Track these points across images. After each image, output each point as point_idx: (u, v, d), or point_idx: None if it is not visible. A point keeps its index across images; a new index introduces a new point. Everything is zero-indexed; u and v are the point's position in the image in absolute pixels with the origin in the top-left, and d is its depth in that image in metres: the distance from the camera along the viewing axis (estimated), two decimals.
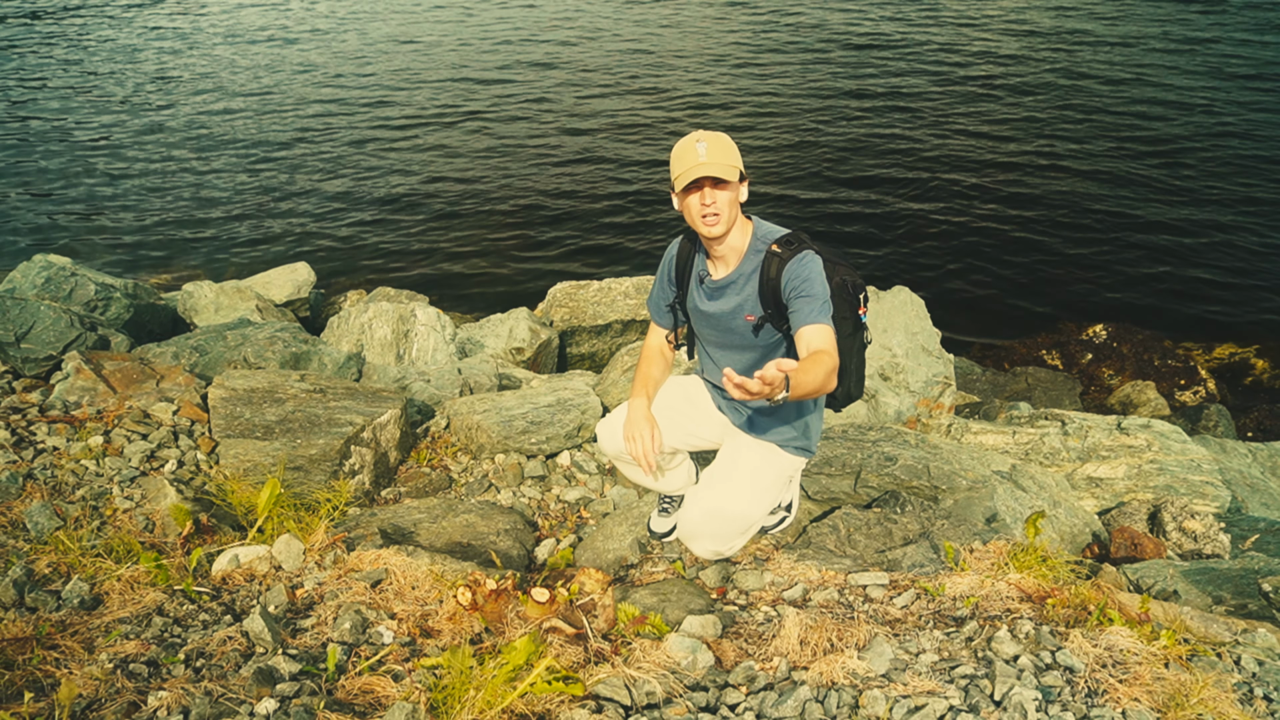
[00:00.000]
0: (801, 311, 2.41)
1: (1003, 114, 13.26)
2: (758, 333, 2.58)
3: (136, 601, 2.55)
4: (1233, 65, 14.96)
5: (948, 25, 18.22)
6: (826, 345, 2.34)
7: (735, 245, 2.53)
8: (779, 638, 2.52)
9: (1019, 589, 2.74)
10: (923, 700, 2.15)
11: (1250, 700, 2.24)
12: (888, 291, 5.94)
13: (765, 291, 2.49)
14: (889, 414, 5.28)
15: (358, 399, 4.15)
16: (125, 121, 13.86)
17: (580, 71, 16.08)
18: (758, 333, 2.58)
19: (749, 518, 2.70)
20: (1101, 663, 2.29)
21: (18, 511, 3.05)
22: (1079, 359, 7.90)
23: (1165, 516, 4.18)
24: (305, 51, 17.86)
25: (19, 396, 3.92)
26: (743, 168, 2.45)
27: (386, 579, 2.74)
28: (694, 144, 2.40)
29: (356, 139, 13.11)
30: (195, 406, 3.97)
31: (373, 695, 2.14)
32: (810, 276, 2.41)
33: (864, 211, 10.50)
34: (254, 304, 6.64)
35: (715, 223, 2.43)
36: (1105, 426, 5.06)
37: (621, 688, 2.21)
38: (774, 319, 2.52)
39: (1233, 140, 11.98)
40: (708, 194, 2.39)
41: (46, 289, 5.48)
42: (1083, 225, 9.99)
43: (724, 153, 2.40)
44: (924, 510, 3.47)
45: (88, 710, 2.04)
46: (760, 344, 2.61)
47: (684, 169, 2.39)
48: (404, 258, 9.86)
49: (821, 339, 2.35)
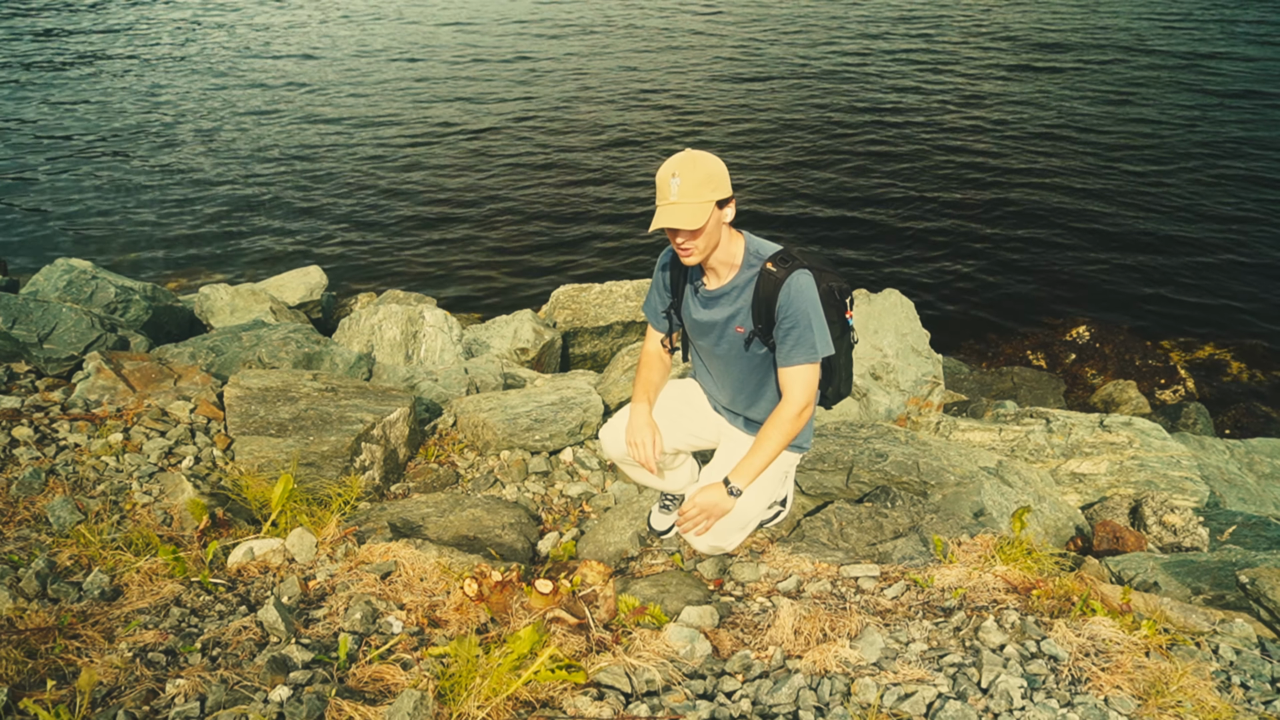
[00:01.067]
0: (784, 348, 2.47)
1: (990, 123, 13.25)
2: (748, 346, 2.59)
3: (155, 593, 2.55)
4: (1219, 77, 14.96)
5: (933, 34, 18.21)
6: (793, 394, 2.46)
7: (727, 259, 2.51)
8: (774, 628, 2.52)
9: (1005, 581, 2.74)
10: (912, 688, 2.15)
11: (1228, 688, 2.24)
12: (879, 294, 5.94)
13: (758, 307, 2.48)
14: (880, 412, 5.28)
15: (368, 398, 4.15)
16: (144, 133, 13.86)
17: (586, 85, 16.08)
18: (748, 346, 2.59)
19: (748, 514, 2.70)
20: (1084, 651, 2.29)
21: (41, 506, 3.05)
22: (1063, 359, 7.91)
23: (1146, 511, 4.18)
24: (319, 65, 17.85)
25: (42, 395, 3.92)
26: (725, 192, 2.36)
27: (396, 571, 2.74)
28: (669, 178, 2.32)
29: (368, 150, 13.11)
30: (211, 405, 3.97)
31: (382, 683, 2.14)
32: (800, 309, 2.42)
33: (857, 218, 10.49)
34: (268, 306, 6.64)
35: (689, 255, 2.40)
36: (1088, 424, 5.06)
37: (622, 676, 2.21)
38: (763, 334, 2.52)
39: (1214, 149, 11.99)
40: (680, 233, 2.37)
41: (68, 291, 5.48)
42: (1066, 230, 10.00)
43: (697, 188, 2.30)
44: (914, 505, 3.47)
45: (108, 697, 2.04)
46: (749, 355, 2.62)
47: (657, 205, 2.35)
48: (413, 262, 9.86)
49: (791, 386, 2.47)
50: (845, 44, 17.93)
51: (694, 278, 2.64)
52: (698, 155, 2.35)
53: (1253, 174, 11.17)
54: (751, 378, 2.70)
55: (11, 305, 4.16)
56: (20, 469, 3.27)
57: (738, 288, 2.53)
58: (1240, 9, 19.41)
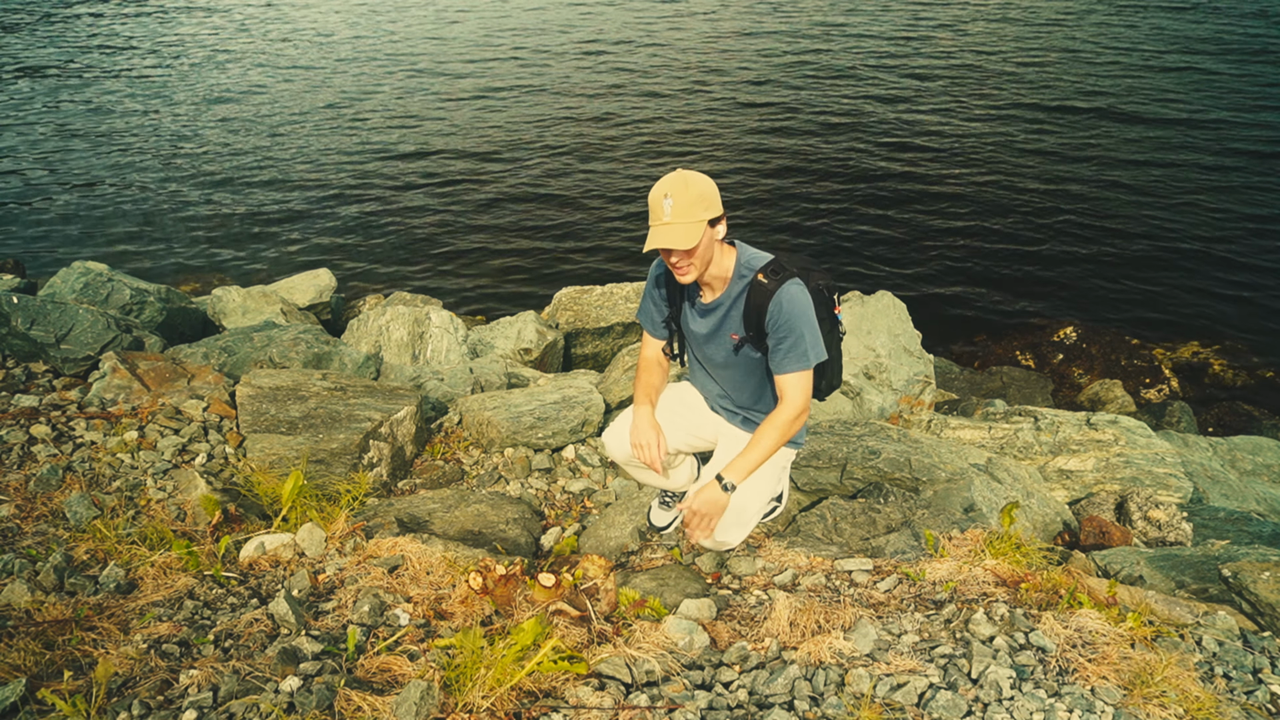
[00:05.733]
0: (777, 356, 2.49)
1: (979, 129, 13.25)
2: (738, 351, 2.62)
3: (169, 586, 2.55)
4: (1211, 78, 14.95)
5: (920, 33, 18.21)
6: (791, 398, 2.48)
7: (720, 273, 2.53)
8: (770, 620, 2.52)
9: (995, 574, 2.74)
10: (905, 678, 2.15)
11: (1211, 678, 2.24)
12: (871, 296, 5.93)
13: (750, 316, 2.51)
14: (873, 410, 5.28)
15: (376, 396, 4.15)
16: (160, 140, 13.86)
17: (588, 94, 16.08)
18: (738, 351, 2.62)
19: (747, 510, 2.70)
20: (1072, 643, 2.29)
21: (58, 502, 3.05)
22: (1051, 359, 7.90)
23: (1131, 506, 4.18)
24: (330, 72, 17.85)
25: (59, 394, 3.92)
26: (717, 210, 2.37)
27: (403, 565, 2.74)
28: (661, 200, 2.33)
29: (376, 156, 13.11)
30: (224, 403, 3.97)
31: (390, 674, 2.14)
32: (792, 321, 2.44)
33: (850, 222, 10.50)
34: (279, 307, 6.64)
35: (684, 273, 2.42)
36: (1075, 422, 5.05)
37: (623, 667, 2.21)
38: (755, 340, 2.55)
39: (1200, 151, 11.98)
40: (674, 253, 2.39)
41: (85, 293, 5.48)
42: (1054, 234, 10.00)
43: (689, 208, 2.31)
44: (906, 501, 3.47)
45: (123, 688, 2.04)
46: (742, 359, 2.65)
47: (651, 225, 2.37)
48: (419, 264, 9.86)
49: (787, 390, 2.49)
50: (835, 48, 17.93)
51: (691, 292, 2.67)
52: (689, 176, 2.35)
53: (1239, 177, 11.17)
54: (750, 380, 2.72)
55: (30, 307, 4.16)
56: (38, 466, 3.27)
57: (730, 299, 2.56)
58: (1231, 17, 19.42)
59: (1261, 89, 14.49)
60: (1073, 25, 19.45)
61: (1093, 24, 19.48)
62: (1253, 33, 18.09)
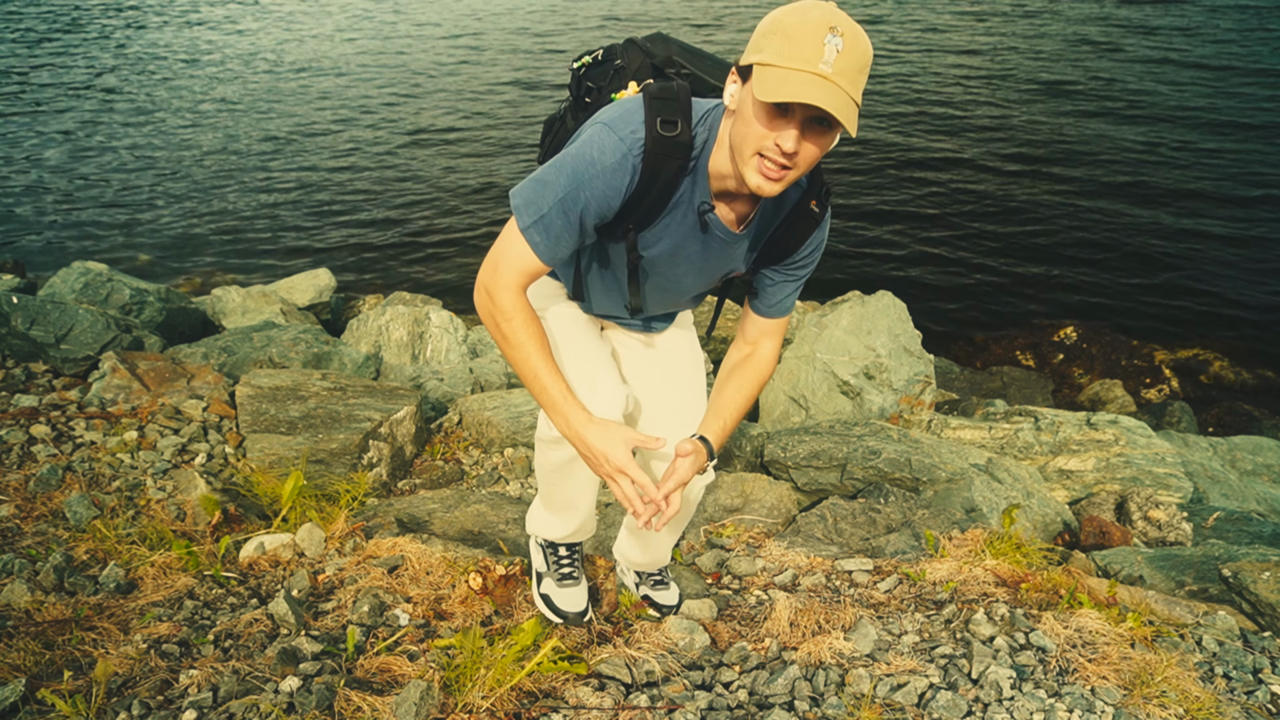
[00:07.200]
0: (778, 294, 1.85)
1: (979, 127, 13.25)
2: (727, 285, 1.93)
3: (169, 586, 2.54)
4: (1215, 77, 14.95)
5: (920, 32, 18.21)
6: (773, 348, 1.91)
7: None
8: (770, 620, 2.52)
9: (995, 574, 2.73)
10: (905, 678, 2.15)
11: (1211, 679, 2.24)
12: (872, 295, 5.92)
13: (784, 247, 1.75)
14: (873, 410, 5.28)
15: (376, 396, 4.15)
16: (159, 141, 13.87)
17: None
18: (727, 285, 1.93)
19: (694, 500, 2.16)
20: (1072, 643, 2.29)
21: (58, 502, 3.05)
22: (1051, 359, 7.90)
23: (1131, 506, 4.18)
24: (330, 73, 17.85)
25: (59, 394, 3.92)
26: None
27: (403, 565, 2.74)
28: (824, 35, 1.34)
29: (376, 157, 13.11)
30: (224, 403, 3.97)
31: (390, 674, 2.14)
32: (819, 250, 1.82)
33: (851, 221, 10.49)
34: (279, 307, 6.64)
35: (780, 180, 1.47)
36: (1075, 422, 5.05)
37: (623, 667, 2.21)
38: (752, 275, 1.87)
39: (1199, 150, 11.98)
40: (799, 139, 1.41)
41: (85, 293, 5.48)
42: (1055, 235, 10.00)
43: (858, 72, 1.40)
44: (906, 500, 3.47)
45: (123, 688, 2.04)
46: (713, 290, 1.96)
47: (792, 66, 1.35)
48: (419, 265, 9.86)
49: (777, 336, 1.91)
50: None
51: (702, 204, 1.63)
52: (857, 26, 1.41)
53: (1239, 177, 11.16)
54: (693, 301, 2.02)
55: (30, 306, 4.16)
56: (38, 466, 3.27)
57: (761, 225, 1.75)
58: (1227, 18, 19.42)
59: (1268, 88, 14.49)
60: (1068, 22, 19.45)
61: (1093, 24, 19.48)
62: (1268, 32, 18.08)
